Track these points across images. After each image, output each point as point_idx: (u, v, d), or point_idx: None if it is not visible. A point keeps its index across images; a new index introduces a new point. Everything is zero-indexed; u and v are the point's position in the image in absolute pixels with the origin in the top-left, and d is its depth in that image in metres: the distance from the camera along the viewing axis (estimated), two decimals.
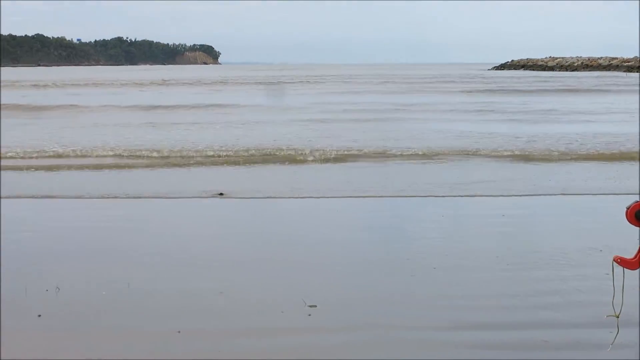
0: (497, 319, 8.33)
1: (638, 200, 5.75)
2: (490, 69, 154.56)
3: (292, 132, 29.37)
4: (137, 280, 9.81)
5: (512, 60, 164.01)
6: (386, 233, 12.94)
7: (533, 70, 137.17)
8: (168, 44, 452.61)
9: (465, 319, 8.31)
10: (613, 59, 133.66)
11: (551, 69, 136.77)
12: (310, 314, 8.44)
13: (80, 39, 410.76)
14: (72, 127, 33.03)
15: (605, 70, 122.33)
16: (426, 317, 8.40)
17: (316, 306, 8.65)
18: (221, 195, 16.00)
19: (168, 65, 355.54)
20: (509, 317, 8.39)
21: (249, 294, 9.25)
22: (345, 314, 8.50)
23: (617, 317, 6.69)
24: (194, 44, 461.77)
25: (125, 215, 14.50)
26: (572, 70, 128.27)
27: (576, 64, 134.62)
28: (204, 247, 11.80)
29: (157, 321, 8.33)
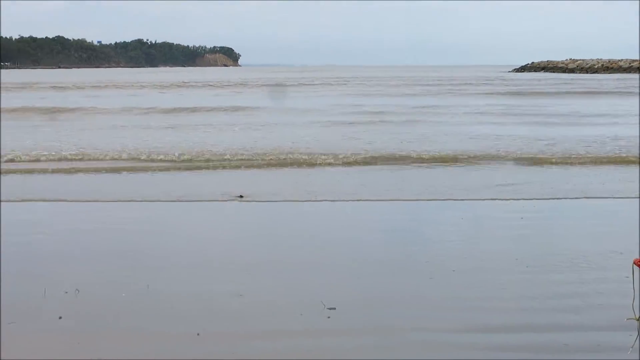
0: (517, 322, 8.30)
1: None
2: (510, 71, 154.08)
3: (310, 134, 29.33)
4: (156, 282, 9.83)
5: (532, 63, 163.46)
6: (405, 236, 12.93)
7: (553, 73, 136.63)
8: (188, 46, 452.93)
9: (484, 322, 8.29)
10: (633, 61, 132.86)
11: (571, 71, 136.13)
12: (329, 317, 8.45)
13: (100, 41, 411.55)
14: (91, 129, 33.13)
15: (626, 73, 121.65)
16: (445, 320, 8.38)
17: (335, 308, 8.65)
18: (241, 197, 16.01)
19: (188, 67, 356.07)
20: (529, 320, 8.36)
21: (268, 297, 9.26)
22: (364, 317, 8.50)
23: (638, 320, 6.67)
24: (214, 46, 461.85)
25: (144, 218, 14.53)
26: (593, 73, 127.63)
27: (596, 66, 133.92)
28: (222, 249, 11.82)
29: (177, 323, 8.35)
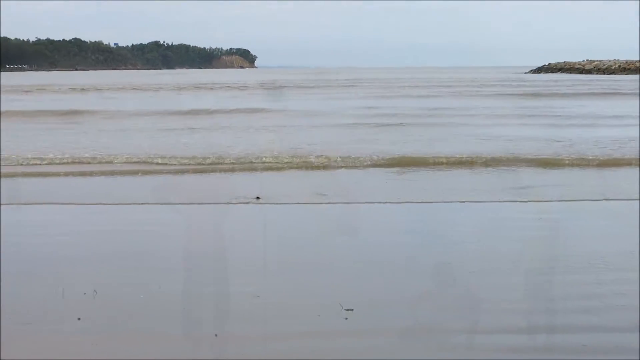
0: (535, 323, 8.29)
1: None
2: (527, 72, 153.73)
3: (327, 136, 29.33)
4: (173, 283, 9.85)
5: (549, 64, 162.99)
6: (423, 237, 12.91)
7: (570, 74, 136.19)
8: (205, 47, 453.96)
9: (502, 323, 8.28)
10: None
11: (588, 72, 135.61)
12: (346, 318, 8.45)
13: (117, 43, 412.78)
14: (108, 130, 33.27)
15: None
16: (463, 321, 8.37)
17: (353, 310, 8.65)
18: (258, 199, 16.02)
19: (204, 69, 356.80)
20: (547, 321, 8.35)
21: (285, 298, 9.26)
22: (382, 318, 8.50)
23: None
24: (231, 48, 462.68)
25: (160, 220, 14.54)
26: (610, 74, 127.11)
27: (613, 67, 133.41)
28: (239, 251, 11.83)
29: (194, 324, 8.37)
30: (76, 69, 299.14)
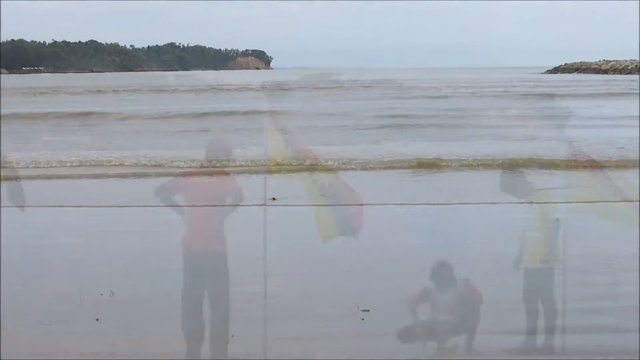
0: (551, 323, 8.28)
1: None
2: (544, 73, 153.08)
3: (341, 138, 29.34)
4: (189, 285, 9.87)
5: (565, 64, 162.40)
6: (437, 239, 12.93)
7: (587, 74, 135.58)
8: (220, 49, 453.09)
9: (516, 324, 8.29)
10: None
11: (605, 72, 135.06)
12: (363, 319, 8.48)
13: (133, 45, 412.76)
14: (124, 132, 33.36)
15: None
16: (483, 322, 8.38)
17: (369, 311, 8.67)
18: (274, 200, 16.04)
19: (220, 70, 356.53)
20: (563, 322, 8.34)
21: (302, 299, 9.31)
22: (398, 319, 8.51)
23: None
24: (246, 49, 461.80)
25: (175, 222, 14.55)
26: (627, 74, 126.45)
27: (630, 67, 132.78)
28: (255, 252, 11.84)
29: (212, 325, 8.40)
30: (92, 71, 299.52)
